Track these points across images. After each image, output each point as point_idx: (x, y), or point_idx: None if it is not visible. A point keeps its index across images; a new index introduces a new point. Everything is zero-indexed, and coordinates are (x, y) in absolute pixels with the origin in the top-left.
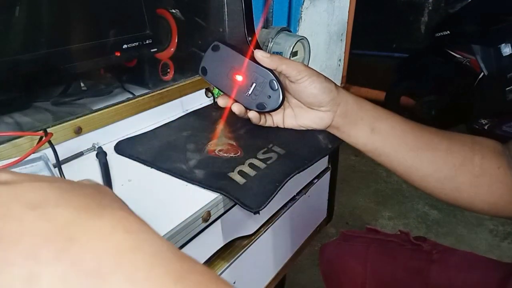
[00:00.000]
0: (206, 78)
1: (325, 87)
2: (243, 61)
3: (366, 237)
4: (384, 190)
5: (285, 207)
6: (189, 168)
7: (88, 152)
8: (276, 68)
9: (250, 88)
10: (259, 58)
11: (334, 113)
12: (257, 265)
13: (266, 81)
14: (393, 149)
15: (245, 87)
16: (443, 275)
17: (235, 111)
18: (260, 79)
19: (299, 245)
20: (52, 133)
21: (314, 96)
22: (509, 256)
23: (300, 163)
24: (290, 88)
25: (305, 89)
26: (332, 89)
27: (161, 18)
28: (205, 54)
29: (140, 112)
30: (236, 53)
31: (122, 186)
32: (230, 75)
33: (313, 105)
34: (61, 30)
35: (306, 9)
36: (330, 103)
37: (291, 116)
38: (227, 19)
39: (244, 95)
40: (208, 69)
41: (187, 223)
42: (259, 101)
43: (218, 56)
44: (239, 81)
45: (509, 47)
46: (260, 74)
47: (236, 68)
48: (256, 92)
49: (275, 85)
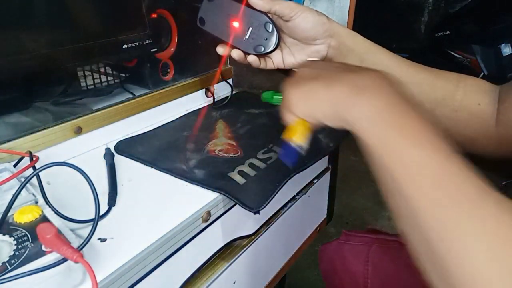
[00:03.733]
0: (204, 27)
1: (318, 19)
2: (239, 8)
3: (367, 237)
4: None
5: (285, 207)
6: (189, 168)
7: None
8: (270, 9)
9: (247, 33)
10: (252, 1)
11: (328, 45)
12: (257, 265)
13: (261, 24)
14: None
15: (242, 32)
16: None
17: (235, 57)
18: (256, 22)
19: (299, 245)
20: (38, 157)
21: (309, 29)
22: None
23: (300, 163)
24: (285, 27)
25: (300, 25)
26: (325, 21)
27: (161, 18)
28: (202, 4)
29: (140, 112)
30: (231, 1)
31: (123, 186)
32: (227, 22)
33: (308, 39)
34: (61, 30)
35: None
36: (324, 35)
37: (289, 54)
38: None
39: (242, 40)
40: (205, 19)
41: (187, 223)
42: (256, 44)
43: (214, 5)
44: (236, 27)
45: (509, 47)
46: (255, 18)
47: (232, 15)
48: (253, 36)
49: (270, 27)
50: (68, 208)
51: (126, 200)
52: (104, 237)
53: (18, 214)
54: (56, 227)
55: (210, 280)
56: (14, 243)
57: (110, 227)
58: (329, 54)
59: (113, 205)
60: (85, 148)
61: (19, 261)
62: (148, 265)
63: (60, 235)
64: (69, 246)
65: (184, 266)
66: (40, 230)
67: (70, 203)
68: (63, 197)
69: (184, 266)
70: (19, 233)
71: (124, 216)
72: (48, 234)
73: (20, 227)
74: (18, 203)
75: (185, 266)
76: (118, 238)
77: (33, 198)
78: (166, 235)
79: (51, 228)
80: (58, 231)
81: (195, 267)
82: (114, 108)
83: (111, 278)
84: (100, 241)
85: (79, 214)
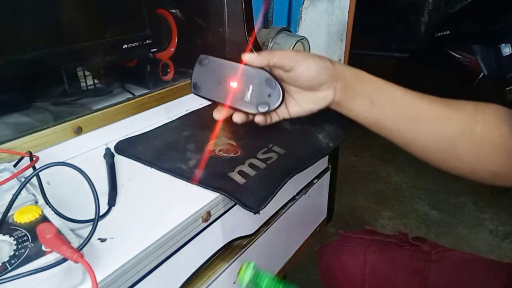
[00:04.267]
0: (200, 94)
1: (322, 65)
2: (234, 67)
3: (365, 238)
4: (384, 190)
5: (285, 207)
6: (189, 168)
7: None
8: (268, 63)
9: (248, 92)
10: (248, 60)
11: (334, 89)
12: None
13: (262, 81)
14: (393, 121)
15: (242, 92)
16: (442, 276)
17: (238, 121)
18: (256, 80)
19: (299, 245)
20: (38, 157)
21: (313, 77)
22: (509, 256)
23: (300, 163)
24: (286, 77)
25: (303, 74)
26: (328, 65)
27: (161, 18)
28: (194, 69)
29: (140, 112)
30: (224, 61)
31: (123, 186)
32: (224, 84)
33: (313, 87)
34: (61, 30)
35: (306, 9)
36: (329, 80)
37: (294, 104)
38: (227, 19)
39: (244, 101)
40: (200, 84)
41: (187, 223)
42: (259, 102)
43: (207, 68)
44: (235, 88)
45: (509, 47)
46: (255, 75)
47: (229, 76)
48: (254, 95)
49: (273, 82)
50: (68, 208)
51: (126, 200)
52: (104, 237)
53: (18, 214)
54: (56, 227)
55: (210, 280)
56: (14, 243)
57: (110, 227)
58: (336, 98)
59: (113, 205)
60: (85, 148)
61: (19, 261)
62: (148, 265)
63: (60, 235)
64: (69, 246)
65: (184, 266)
66: (40, 230)
67: (70, 203)
68: (63, 197)
69: (184, 266)
70: (19, 233)
71: (124, 216)
72: (48, 234)
73: (20, 227)
74: (18, 203)
75: (185, 266)
76: (118, 238)
77: (33, 198)
78: (166, 235)
79: (51, 228)
80: (58, 231)
81: (195, 267)
82: (114, 108)
83: (111, 278)
84: (100, 241)
85: (79, 214)
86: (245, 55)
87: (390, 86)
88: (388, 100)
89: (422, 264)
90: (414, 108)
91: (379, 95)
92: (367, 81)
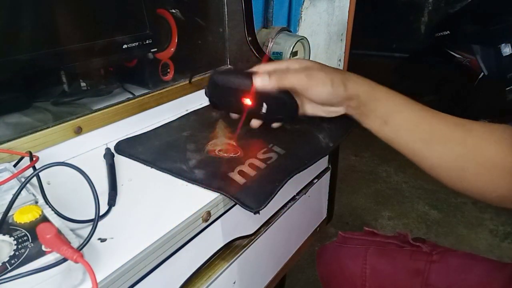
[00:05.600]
0: (218, 109)
1: (332, 91)
2: (246, 86)
3: (364, 239)
4: (384, 190)
5: (285, 207)
6: (189, 168)
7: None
8: (279, 87)
9: (263, 108)
10: (260, 86)
11: (347, 106)
12: (257, 265)
13: (275, 97)
14: (404, 141)
15: (257, 107)
16: (442, 276)
17: (255, 126)
18: (270, 97)
19: (299, 245)
20: (38, 157)
21: (323, 100)
22: (509, 256)
23: (300, 163)
24: (299, 93)
25: (313, 98)
26: (340, 89)
27: (161, 18)
28: (207, 89)
29: (140, 112)
30: (236, 79)
31: (123, 186)
32: (239, 100)
33: (325, 105)
34: (61, 30)
35: (306, 9)
36: (340, 102)
37: (309, 107)
38: (227, 19)
39: (260, 114)
40: (217, 102)
41: (187, 223)
42: (276, 115)
43: (222, 89)
44: (250, 105)
45: (509, 47)
46: (268, 93)
47: (242, 92)
48: (269, 110)
49: (287, 99)
50: (68, 208)
51: (126, 200)
52: (104, 237)
53: (18, 214)
54: (56, 227)
55: (210, 280)
56: (14, 243)
57: (110, 227)
58: (349, 113)
59: (113, 205)
60: (85, 148)
61: (19, 261)
62: (148, 265)
63: (60, 235)
64: (69, 246)
65: (184, 266)
66: (40, 230)
67: (70, 203)
68: (63, 197)
69: (184, 266)
70: (19, 233)
71: (124, 216)
72: (48, 234)
73: (20, 227)
74: (18, 203)
75: (185, 266)
76: (118, 238)
77: (33, 198)
78: (166, 235)
79: (51, 228)
80: (58, 231)
81: (195, 267)
82: (114, 108)
83: (111, 278)
84: (100, 241)
85: (79, 214)
86: (256, 81)
87: (405, 105)
88: (402, 122)
89: (423, 264)
90: (427, 130)
91: (394, 116)
92: (382, 99)
